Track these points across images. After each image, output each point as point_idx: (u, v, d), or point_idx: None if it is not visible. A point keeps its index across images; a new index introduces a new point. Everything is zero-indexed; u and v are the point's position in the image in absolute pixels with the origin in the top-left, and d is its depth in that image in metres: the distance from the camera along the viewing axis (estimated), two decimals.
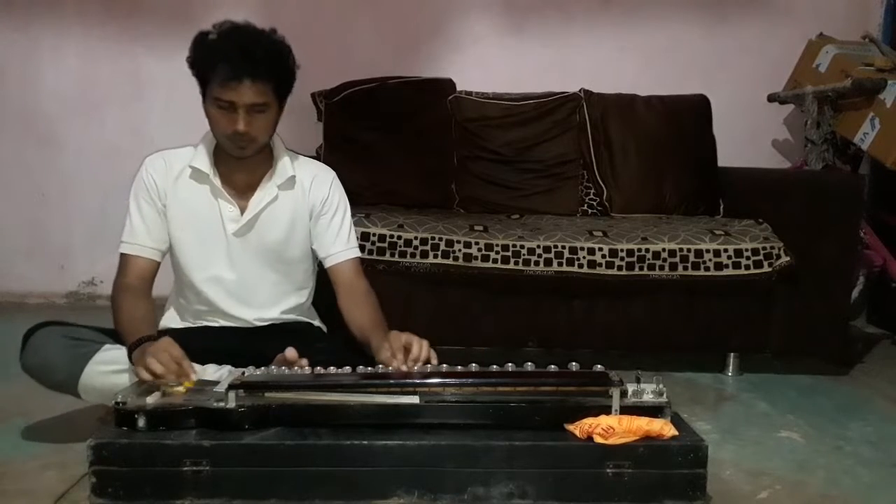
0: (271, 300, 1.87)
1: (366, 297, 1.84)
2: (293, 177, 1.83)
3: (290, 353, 1.63)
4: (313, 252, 1.90)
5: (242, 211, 1.80)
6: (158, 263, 1.81)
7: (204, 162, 1.79)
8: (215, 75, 1.65)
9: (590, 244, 2.40)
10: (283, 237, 1.83)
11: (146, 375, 1.53)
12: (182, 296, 1.88)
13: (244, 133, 1.68)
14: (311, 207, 1.86)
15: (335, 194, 1.88)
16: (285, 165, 1.82)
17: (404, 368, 1.60)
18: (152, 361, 1.53)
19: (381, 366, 1.63)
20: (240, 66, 1.63)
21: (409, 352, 1.63)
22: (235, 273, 1.82)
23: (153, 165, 1.82)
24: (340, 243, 1.87)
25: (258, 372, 1.58)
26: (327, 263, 1.88)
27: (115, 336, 1.72)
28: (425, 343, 1.64)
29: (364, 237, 2.36)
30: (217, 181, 1.79)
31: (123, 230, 1.80)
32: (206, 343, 1.63)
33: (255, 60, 1.65)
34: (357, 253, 1.91)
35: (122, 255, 1.79)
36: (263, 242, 1.82)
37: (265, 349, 1.68)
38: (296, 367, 1.61)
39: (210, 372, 1.68)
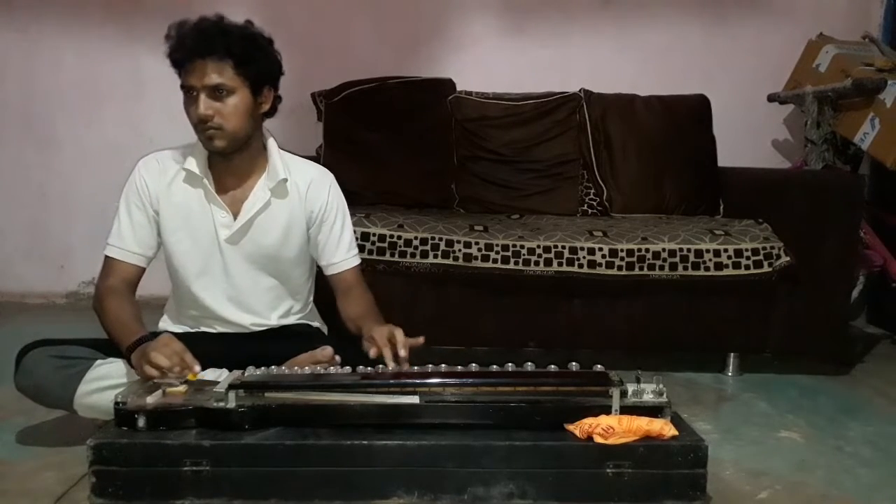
0: (268, 305, 1.86)
1: (362, 296, 1.86)
2: (285, 180, 1.79)
3: (326, 352, 1.66)
4: (311, 256, 1.90)
5: (235, 216, 1.78)
6: (143, 269, 1.79)
7: (197, 165, 1.76)
8: (179, 62, 1.65)
9: (590, 244, 2.40)
10: (278, 243, 1.81)
11: (152, 372, 1.53)
12: (178, 301, 1.87)
13: (206, 118, 1.64)
14: (308, 214, 1.83)
15: (333, 200, 1.85)
16: (277, 168, 1.79)
17: (391, 363, 1.61)
18: (156, 356, 1.52)
19: (381, 366, 1.62)
20: (195, 47, 1.63)
21: (393, 344, 1.63)
22: (231, 279, 1.81)
23: (147, 169, 1.79)
24: (341, 252, 1.86)
25: (258, 372, 1.58)
26: (328, 272, 1.88)
27: (107, 347, 1.71)
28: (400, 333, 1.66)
29: (364, 237, 2.35)
30: (210, 185, 1.76)
31: (111, 231, 1.78)
32: (204, 347, 1.63)
33: (210, 39, 1.63)
34: (357, 260, 1.90)
35: (107, 258, 1.77)
36: (258, 248, 1.80)
37: (264, 353, 1.67)
38: (330, 367, 1.63)
39: (210, 377, 1.68)
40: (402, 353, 1.61)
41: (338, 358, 1.68)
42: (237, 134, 1.70)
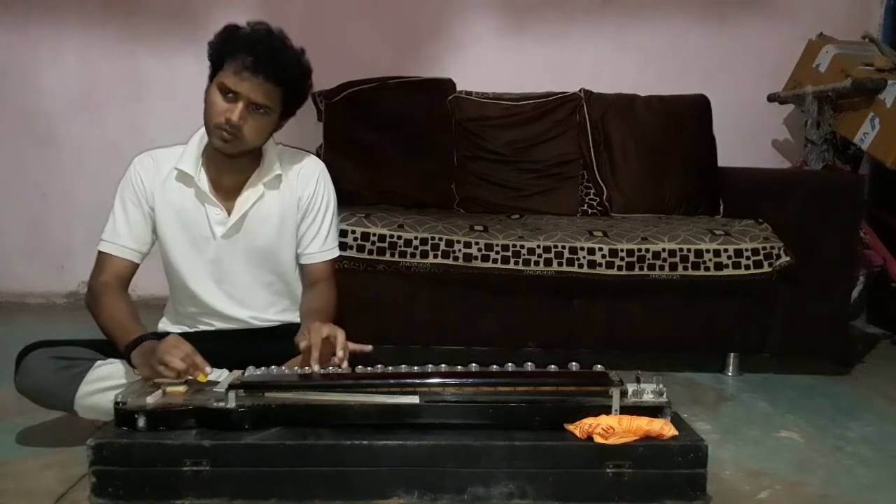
0: (266, 301, 1.86)
1: (322, 291, 1.83)
2: (279, 175, 1.80)
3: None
4: None
5: (229, 213, 1.78)
6: (137, 265, 1.79)
7: (190, 164, 1.76)
8: (233, 62, 1.64)
9: (590, 244, 2.40)
10: (274, 236, 1.81)
11: (167, 373, 1.53)
12: (177, 300, 1.87)
13: (235, 125, 1.65)
14: (297, 201, 1.83)
15: (321, 190, 1.85)
16: (272, 163, 1.80)
17: (315, 365, 1.56)
18: (171, 359, 1.52)
19: (379, 365, 1.62)
20: (261, 62, 1.63)
21: (329, 344, 1.59)
22: (227, 276, 1.81)
23: (142, 166, 1.79)
24: (317, 245, 1.85)
25: (258, 372, 1.58)
26: (301, 260, 1.87)
27: (107, 348, 1.71)
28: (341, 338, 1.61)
29: (364, 237, 2.36)
30: (204, 184, 1.77)
31: (105, 227, 1.78)
32: (204, 347, 1.63)
33: (279, 63, 1.65)
34: (334, 254, 1.89)
35: (101, 254, 1.77)
36: (253, 243, 1.80)
37: (264, 353, 1.67)
38: (330, 367, 1.60)
39: (210, 377, 1.68)
40: (340, 353, 1.58)
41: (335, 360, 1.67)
42: (249, 146, 1.72)
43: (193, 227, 1.78)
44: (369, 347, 1.65)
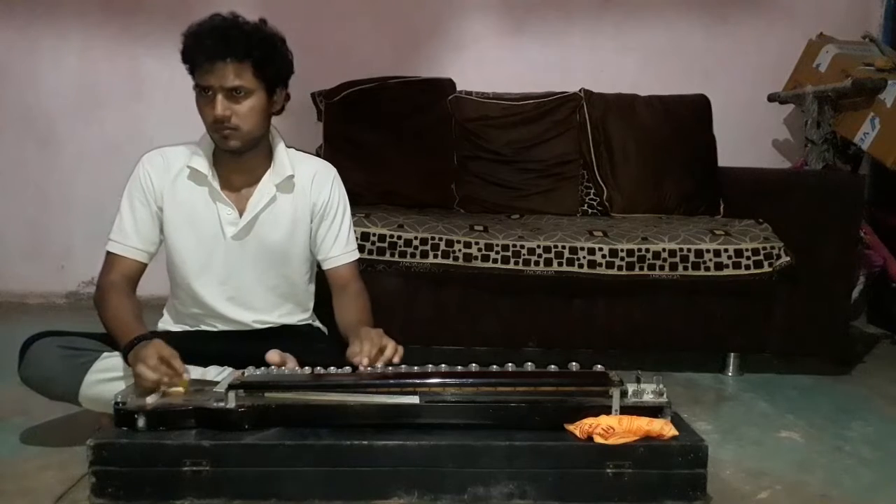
0: (271, 304, 1.85)
1: (356, 298, 1.84)
2: (291, 176, 1.79)
3: (271, 356, 1.62)
4: (313, 256, 1.90)
5: (241, 213, 1.77)
6: (145, 265, 1.79)
7: (202, 162, 1.76)
8: (196, 62, 1.64)
9: (590, 244, 2.40)
10: (285, 238, 1.81)
11: (143, 384, 1.52)
12: (178, 299, 1.86)
13: (224, 118, 1.64)
14: (311, 207, 1.83)
15: (336, 195, 1.86)
16: (283, 164, 1.79)
17: (368, 366, 1.58)
18: (142, 369, 1.51)
19: (380, 365, 1.62)
20: (215, 48, 1.62)
21: (381, 352, 1.61)
22: (234, 276, 1.80)
23: (151, 164, 1.78)
24: (339, 247, 1.86)
25: (258, 372, 1.58)
26: (324, 266, 1.87)
27: (112, 342, 1.70)
28: (399, 348, 1.64)
29: (364, 237, 2.35)
30: (215, 183, 1.76)
31: (113, 227, 1.77)
32: (205, 347, 1.62)
33: (230, 41, 1.62)
34: (355, 256, 1.90)
35: (109, 253, 1.77)
36: (263, 245, 1.79)
37: (265, 352, 1.66)
38: (283, 368, 1.61)
39: (212, 375, 1.68)
40: (379, 365, 1.60)
41: (290, 360, 1.65)
42: (252, 134, 1.71)
43: (203, 227, 1.78)
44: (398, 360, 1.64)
